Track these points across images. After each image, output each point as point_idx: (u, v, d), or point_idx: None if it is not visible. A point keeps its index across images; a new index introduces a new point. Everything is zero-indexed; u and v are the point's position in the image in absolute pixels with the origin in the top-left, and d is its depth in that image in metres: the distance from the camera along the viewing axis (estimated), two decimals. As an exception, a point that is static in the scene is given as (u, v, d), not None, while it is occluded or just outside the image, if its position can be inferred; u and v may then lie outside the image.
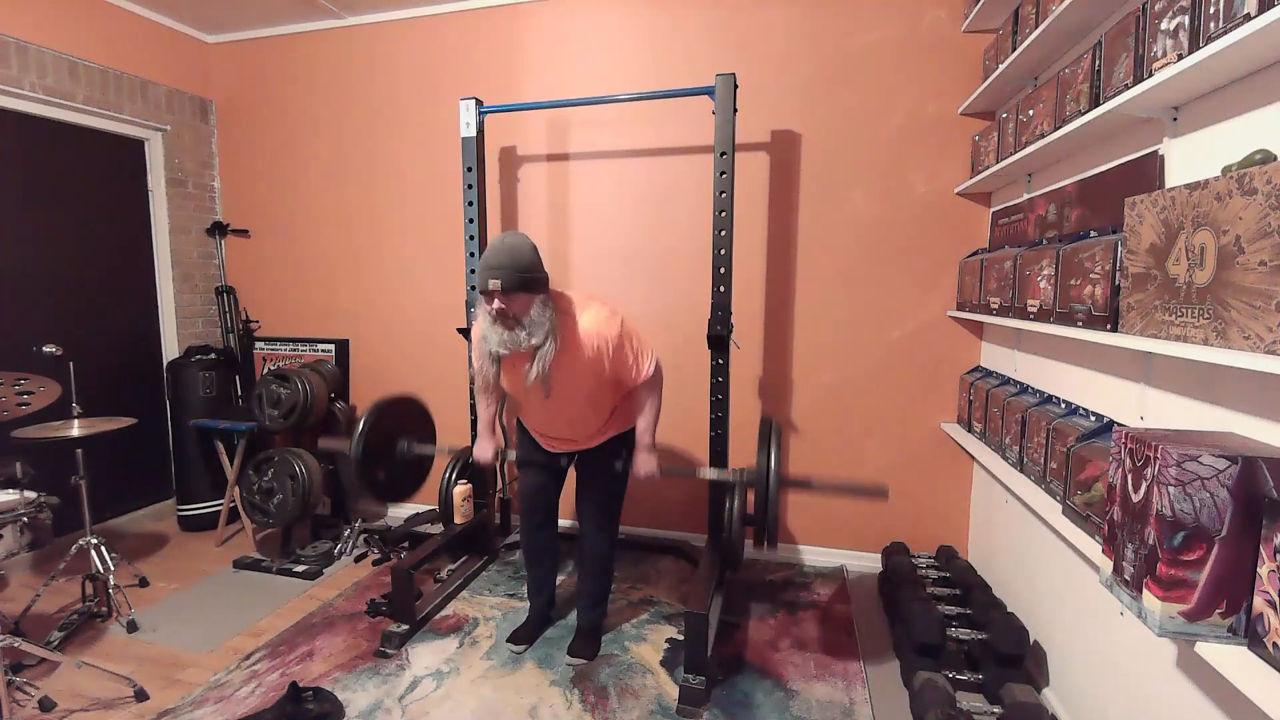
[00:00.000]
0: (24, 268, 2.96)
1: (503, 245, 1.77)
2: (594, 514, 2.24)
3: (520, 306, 1.77)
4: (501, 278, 1.72)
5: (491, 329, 1.81)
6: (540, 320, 1.79)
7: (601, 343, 1.85)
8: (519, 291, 1.75)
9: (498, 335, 1.80)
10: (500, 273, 1.72)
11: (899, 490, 2.92)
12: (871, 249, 2.84)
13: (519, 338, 1.78)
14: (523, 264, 1.75)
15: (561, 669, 2.20)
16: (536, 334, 1.79)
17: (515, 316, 1.77)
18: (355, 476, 2.29)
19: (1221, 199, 1.10)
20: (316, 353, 3.67)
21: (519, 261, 1.75)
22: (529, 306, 1.78)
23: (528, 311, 1.78)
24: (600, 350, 1.86)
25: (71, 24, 3.03)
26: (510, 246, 1.77)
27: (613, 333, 1.86)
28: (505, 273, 1.72)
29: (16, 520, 2.04)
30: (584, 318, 1.87)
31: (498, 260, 1.73)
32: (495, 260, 1.74)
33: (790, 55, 2.83)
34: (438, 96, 3.29)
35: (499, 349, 1.81)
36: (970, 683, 1.97)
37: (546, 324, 1.80)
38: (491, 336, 1.81)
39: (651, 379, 1.97)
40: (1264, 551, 1.01)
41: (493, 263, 1.74)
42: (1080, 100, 1.68)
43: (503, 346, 1.80)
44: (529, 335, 1.78)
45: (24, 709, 1.95)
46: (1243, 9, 1.09)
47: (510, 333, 1.78)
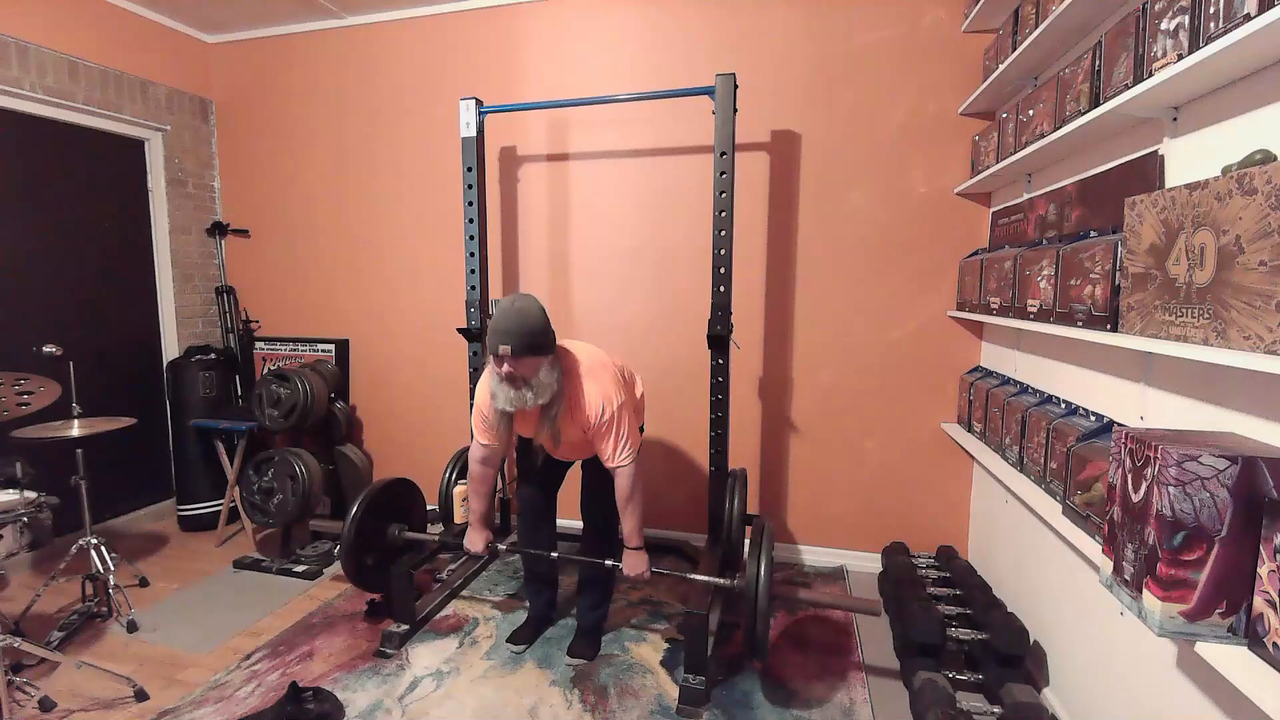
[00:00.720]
0: (24, 268, 2.96)
1: (512, 309, 1.82)
2: (596, 512, 2.25)
3: (528, 369, 1.83)
4: (511, 343, 1.77)
5: (500, 388, 1.88)
6: (547, 382, 1.86)
7: (594, 416, 1.92)
8: (527, 355, 1.81)
9: (505, 394, 1.87)
10: (510, 338, 1.77)
11: (899, 490, 2.92)
12: (871, 249, 2.84)
13: (525, 397, 1.85)
14: (531, 329, 1.80)
15: (561, 669, 2.20)
16: (543, 395, 1.86)
17: (524, 378, 1.84)
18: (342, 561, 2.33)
19: (1221, 199, 1.10)
20: (316, 353, 3.67)
21: (527, 326, 1.80)
22: (537, 369, 1.85)
23: (536, 374, 1.85)
24: (591, 421, 1.93)
25: (71, 24, 3.03)
26: (520, 310, 1.82)
27: (605, 415, 1.93)
28: (515, 338, 1.78)
29: (16, 520, 2.04)
30: (587, 386, 1.94)
31: (507, 325, 1.79)
32: (505, 325, 1.79)
33: (790, 55, 2.83)
34: (438, 96, 3.29)
35: (506, 406, 1.89)
36: (970, 683, 1.98)
37: (553, 385, 1.88)
38: (500, 395, 1.89)
39: (628, 470, 1.99)
40: (1264, 551, 1.01)
41: (502, 327, 1.79)
42: (1080, 100, 1.68)
43: (509, 404, 1.88)
44: (535, 396, 1.86)
45: (24, 709, 1.95)
46: (1243, 9, 1.09)
47: (517, 392, 1.85)
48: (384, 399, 3.62)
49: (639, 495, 2.04)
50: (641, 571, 2.09)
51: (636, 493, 2.03)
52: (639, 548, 2.10)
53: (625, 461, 1.98)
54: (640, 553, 2.10)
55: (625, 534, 2.09)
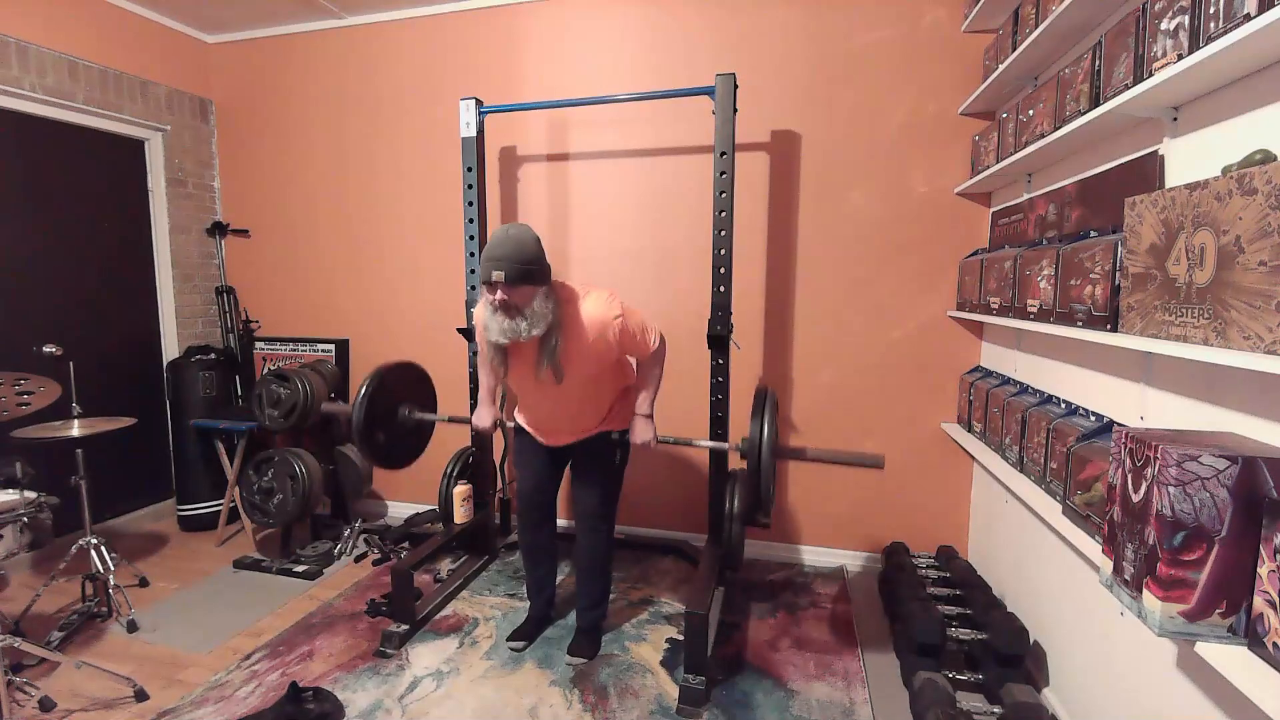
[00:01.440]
0: (24, 268, 2.96)
1: (506, 236, 1.78)
2: (590, 509, 2.24)
3: (522, 298, 1.78)
4: (505, 269, 1.73)
5: (493, 318, 1.82)
6: (542, 312, 1.81)
7: (606, 325, 1.89)
8: (522, 283, 1.76)
9: (498, 324, 1.81)
10: (503, 264, 1.73)
11: (899, 490, 2.92)
12: (871, 249, 2.84)
13: (520, 328, 1.80)
14: (526, 255, 1.76)
15: (561, 669, 2.20)
16: (538, 325, 1.81)
17: (517, 307, 1.79)
18: (356, 439, 2.32)
19: (1221, 199, 1.10)
20: (316, 353, 3.67)
21: (522, 253, 1.76)
22: (531, 298, 1.79)
23: (530, 303, 1.79)
24: (605, 333, 1.89)
25: (71, 24, 3.03)
26: (514, 237, 1.78)
27: (614, 314, 1.90)
28: (508, 264, 1.73)
29: (16, 520, 2.04)
30: (585, 304, 1.90)
31: (501, 251, 1.75)
32: (499, 251, 1.75)
33: (790, 55, 2.83)
34: (438, 96, 3.29)
35: (499, 338, 1.83)
36: (970, 683, 1.98)
37: (549, 315, 1.82)
38: (493, 325, 1.83)
39: (657, 351, 2.05)
40: (1264, 551, 1.01)
41: (496, 254, 1.74)
42: (1080, 100, 1.68)
43: (503, 335, 1.82)
44: (530, 326, 1.80)
45: (24, 709, 1.95)
46: (1243, 9, 1.09)
47: (511, 322, 1.80)
48: (384, 399, 3.62)
49: (660, 368, 2.11)
50: (649, 439, 2.10)
51: (660, 365, 2.10)
52: (648, 415, 2.11)
53: (655, 343, 2.03)
54: (649, 420, 2.11)
55: (639, 401, 2.11)
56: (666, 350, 2.11)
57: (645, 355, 2.05)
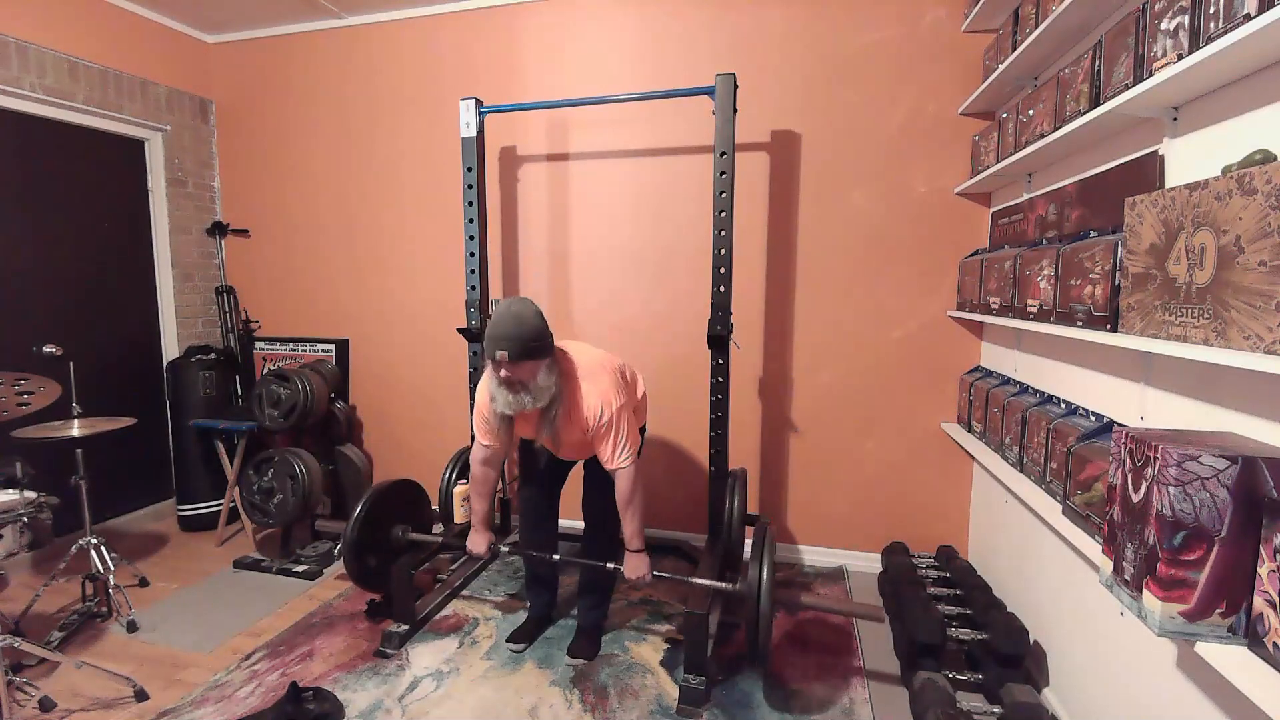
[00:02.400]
0: (24, 268, 2.96)
1: (509, 314, 1.82)
2: (597, 511, 2.25)
3: (527, 373, 1.85)
4: (509, 349, 1.78)
5: (498, 391, 1.90)
6: (545, 385, 1.88)
7: (592, 418, 1.94)
8: (525, 360, 1.82)
9: (504, 398, 1.89)
10: (508, 343, 1.78)
11: (899, 490, 2.92)
12: (871, 249, 2.83)
13: (524, 401, 1.87)
14: (528, 333, 1.81)
15: (561, 669, 2.20)
16: (541, 398, 1.88)
17: (522, 382, 1.85)
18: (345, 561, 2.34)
19: (1221, 199, 1.10)
20: (316, 353, 3.67)
21: (524, 331, 1.81)
22: (535, 373, 1.86)
23: (534, 377, 1.86)
24: (589, 423, 1.95)
25: (71, 24, 3.03)
26: (516, 315, 1.82)
27: (604, 418, 1.94)
28: (512, 343, 1.79)
29: (16, 520, 2.04)
30: (585, 388, 1.95)
31: (504, 331, 1.79)
32: (502, 331, 1.80)
33: (790, 55, 2.83)
34: (438, 96, 3.29)
35: (505, 409, 1.91)
36: (970, 683, 1.97)
37: (551, 388, 1.89)
38: (499, 398, 1.90)
39: (628, 472, 2.00)
40: (1264, 551, 1.01)
41: (499, 333, 1.80)
42: (1080, 100, 1.68)
43: (508, 408, 1.90)
44: (534, 399, 1.88)
45: (24, 709, 1.95)
46: (1243, 9, 1.09)
47: (515, 396, 1.87)
48: (384, 399, 3.62)
49: (640, 497, 2.04)
50: (643, 574, 2.09)
51: (637, 494, 2.03)
52: (640, 550, 2.10)
53: (625, 463, 1.98)
54: (641, 555, 2.10)
55: (626, 536, 2.09)
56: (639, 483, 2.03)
57: (608, 466, 2.00)
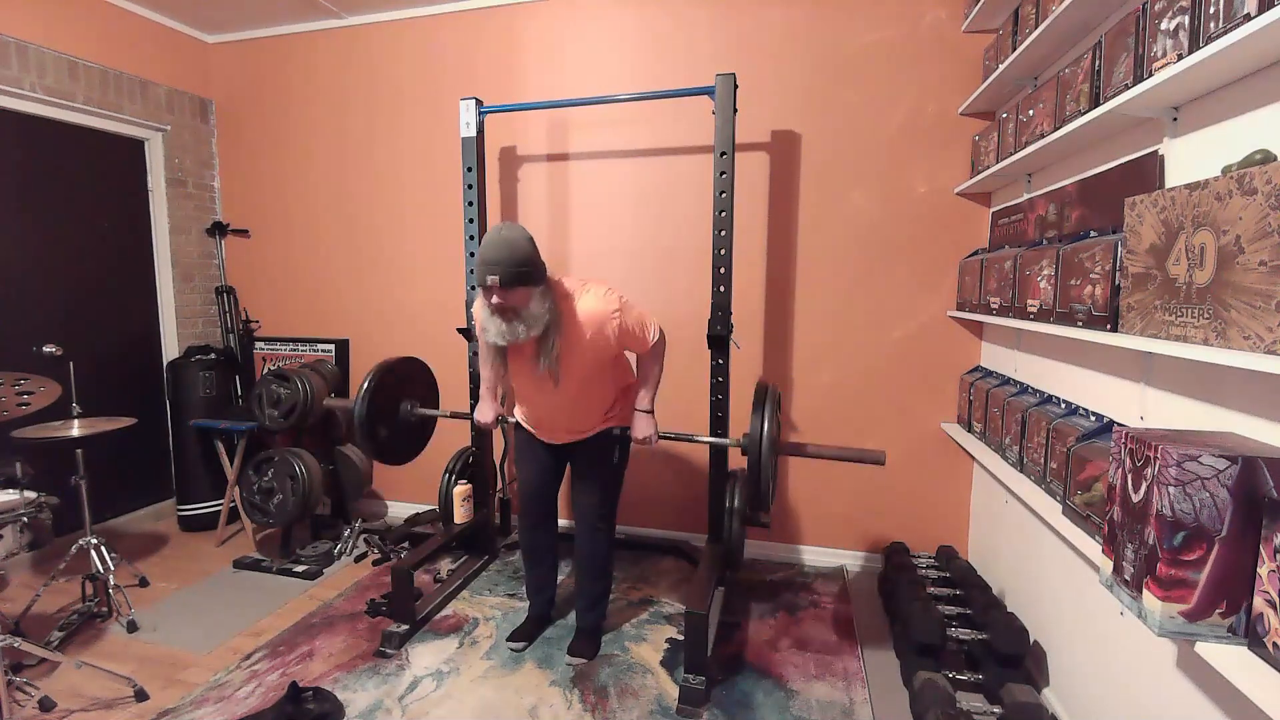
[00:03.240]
0: (24, 268, 2.96)
1: (499, 238, 1.76)
2: (590, 510, 2.24)
3: (518, 300, 1.78)
4: (499, 273, 1.72)
5: (490, 320, 1.83)
6: (539, 313, 1.81)
7: (604, 321, 1.88)
8: (517, 285, 1.76)
9: (496, 326, 1.82)
10: (498, 268, 1.72)
11: (899, 490, 2.92)
12: (871, 249, 2.83)
13: (517, 330, 1.80)
14: (519, 258, 1.75)
15: (561, 669, 2.20)
16: (535, 326, 1.81)
17: (514, 309, 1.79)
18: (358, 434, 2.33)
19: (1221, 199, 1.10)
20: (316, 353, 3.67)
21: (515, 256, 1.75)
22: (528, 299, 1.79)
23: (527, 304, 1.79)
24: (604, 329, 1.89)
25: (71, 24, 3.03)
26: (506, 239, 1.76)
27: (613, 309, 1.89)
28: (502, 268, 1.72)
29: (16, 520, 2.04)
30: (582, 301, 1.89)
31: (495, 255, 1.73)
32: (492, 255, 1.74)
33: (790, 55, 2.83)
34: (438, 96, 3.29)
35: (497, 339, 1.84)
36: (970, 683, 1.97)
37: (545, 315, 1.82)
38: (491, 328, 1.83)
39: (656, 346, 2.03)
40: (1264, 551, 1.01)
41: (489, 257, 1.74)
42: (1080, 100, 1.68)
43: (501, 338, 1.83)
44: (527, 328, 1.80)
45: (24, 709, 1.95)
46: (1243, 9, 1.09)
47: (509, 325, 1.80)
48: (384, 399, 3.62)
49: (660, 363, 2.10)
50: (649, 434, 2.10)
51: (660, 360, 2.09)
52: (649, 411, 2.11)
53: (656, 336, 2.01)
54: (649, 416, 2.11)
55: (639, 398, 2.11)
56: (666, 345, 2.10)
57: (644, 350, 2.03)
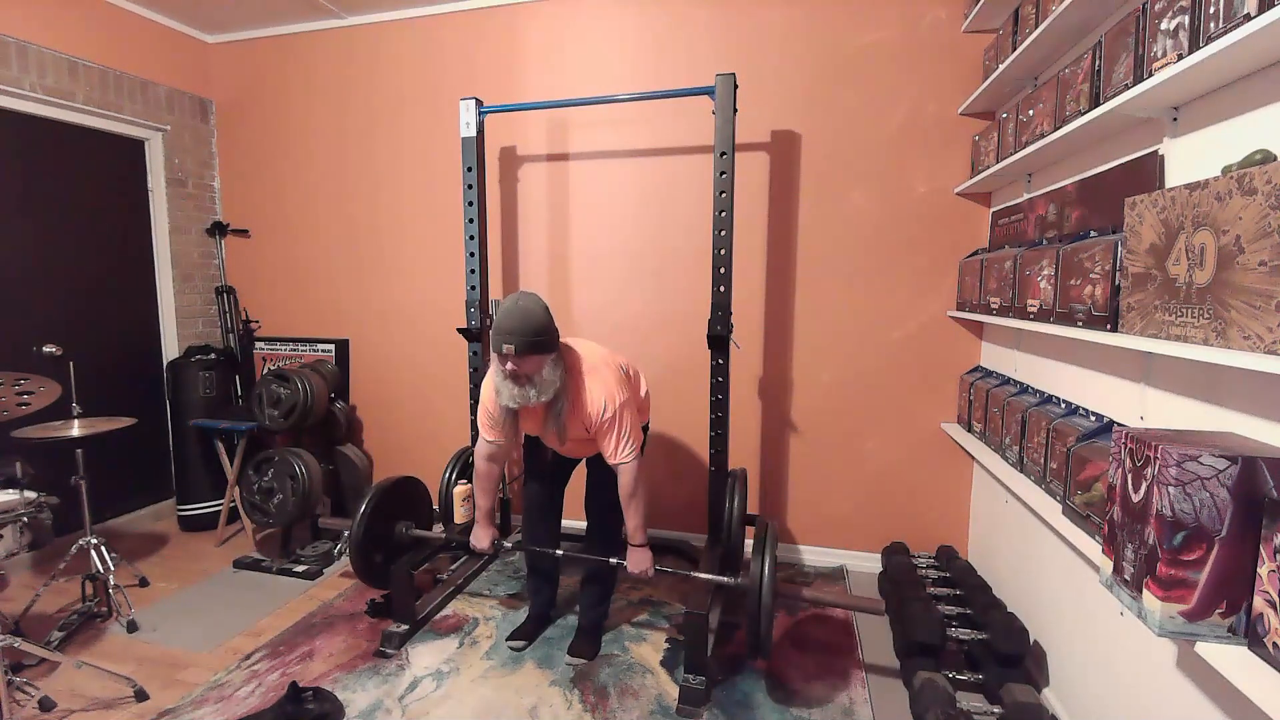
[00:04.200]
0: (24, 268, 2.96)
1: (516, 308, 1.83)
2: (602, 510, 2.25)
3: (532, 367, 1.85)
4: (515, 343, 1.79)
5: (504, 384, 1.90)
6: (550, 379, 1.89)
7: (595, 414, 1.95)
8: (531, 354, 1.83)
9: (509, 391, 1.89)
10: (513, 338, 1.80)
11: (899, 490, 2.92)
12: (871, 249, 2.83)
13: (529, 394, 1.88)
14: (534, 328, 1.82)
15: (561, 669, 2.20)
16: (546, 392, 1.89)
17: (527, 376, 1.86)
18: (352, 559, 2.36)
19: (1221, 199, 1.10)
20: (316, 353, 3.67)
21: (530, 325, 1.82)
22: (541, 367, 1.87)
23: (539, 371, 1.87)
24: (593, 418, 1.96)
25: (71, 24, 3.03)
26: (523, 310, 1.83)
27: (608, 413, 1.95)
28: (518, 337, 1.80)
29: (16, 520, 2.04)
30: (589, 383, 1.96)
31: (510, 325, 1.81)
32: (508, 325, 1.81)
33: (790, 55, 2.83)
34: (438, 96, 3.29)
35: (510, 403, 1.92)
36: (970, 683, 1.98)
37: (556, 382, 1.90)
38: (504, 391, 1.91)
39: (630, 468, 2.01)
40: (1264, 551, 1.01)
41: (505, 327, 1.81)
42: (1080, 100, 1.68)
43: (513, 401, 1.90)
44: (539, 394, 1.88)
45: (24, 709, 1.95)
46: (1243, 9, 1.09)
47: (521, 389, 1.88)
48: (384, 399, 3.62)
49: (642, 493, 2.05)
50: (645, 569, 2.10)
51: (639, 490, 2.04)
52: (642, 545, 2.11)
53: (628, 459, 1.99)
54: (644, 550, 2.11)
55: (629, 531, 2.10)
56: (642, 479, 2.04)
57: (611, 461, 2.01)
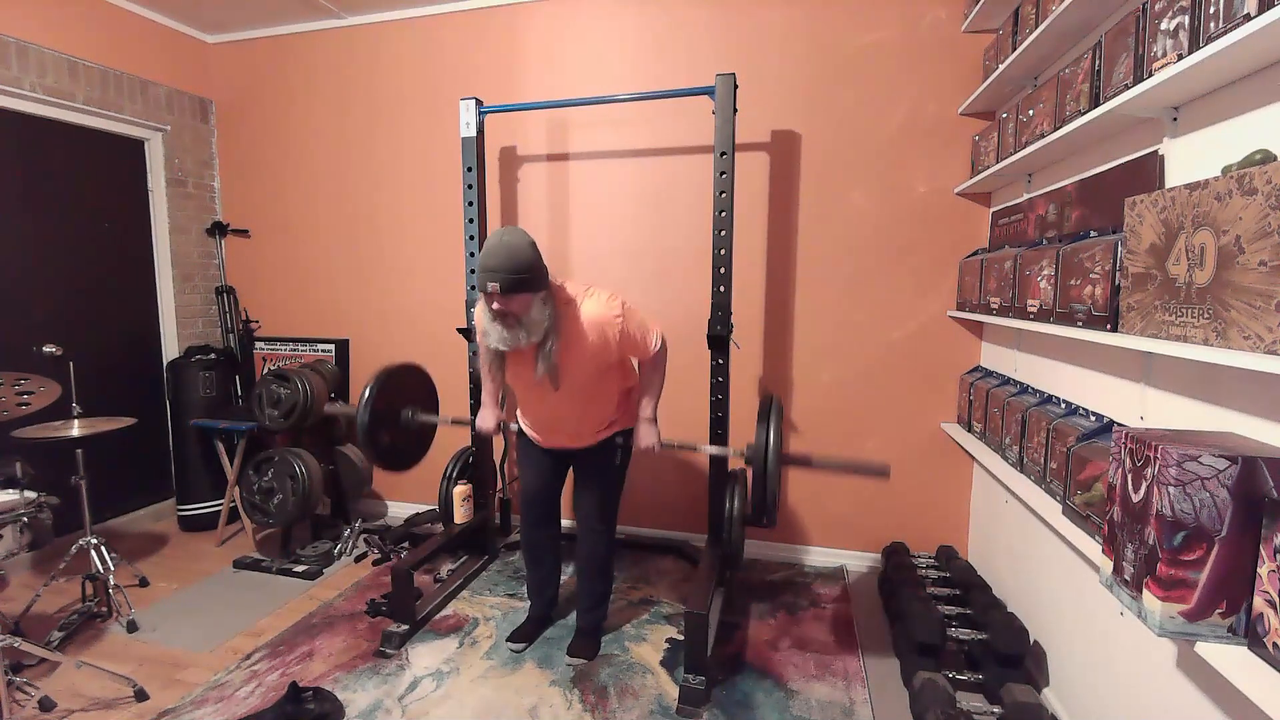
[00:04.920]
0: (24, 268, 2.96)
1: (500, 244, 1.75)
2: (591, 511, 2.24)
3: (519, 306, 1.77)
4: (500, 280, 1.71)
5: (492, 325, 1.83)
6: (539, 319, 1.80)
7: (606, 327, 1.87)
8: (517, 292, 1.75)
9: (497, 332, 1.81)
10: (498, 275, 1.71)
11: (899, 490, 2.92)
12: (871, 249, 2.84)
13: (518, 336, 1.80)
14: (520, 264, 1.74)
15: (561, 669, 2.20)
16: (535, 332, 1.80)
17: (515, 315, 1.78)
18: (360, 441, 2.32)
19: (1221, 199, 1.10)
20: (316, 353, 3.67)
21: (516, 262, 1.73)
22: (529, 306, 1.78)
23: (528, 310, 1.79)
24: (605, 335, 1.88)
25: (71, 24, 3.03)
26: (508, 244, 1.75)
27: (615, 314, 1.89)
28: (503, 275, 1.71)
29: (16, 520, 2.04)
30: (585, 306, 1.88)
31: (495, 262, 1.72)
32: (493, 262, 1.72)
33: (790, 55, 2.83)
34: (438, 96, 3.29)
35: (498, 345, 1.84)
36: (970, 683, 1.97)
37: (545, 321, 1.81)
38: (492, 333, 1.83)
39: (657, 354, 2.03)
40: (1264, 551, 1.01)
41: (490, 264, 1.73)
42: (1080, 100, 1.68)
43: (502, 343, 1.82)
44: (528, 335, 1.80)
45: (24, 709, 1.95)
46: (1243, 9, 1.09)
47: (510, 331, 1.79)
48: (384, 399, 3.61)
49: (662, 371, 2.09)
50: (653, 443, 2.10)
51: (661, 368, 2.08)
52: (652, 419, 2.11)
53: (657, 344, 2.01)
54: (652, 424, 2.11)
55: (642, 406, 2.10)
56: (668, 352, 2.09)
57: (646, 357, 2.03)
